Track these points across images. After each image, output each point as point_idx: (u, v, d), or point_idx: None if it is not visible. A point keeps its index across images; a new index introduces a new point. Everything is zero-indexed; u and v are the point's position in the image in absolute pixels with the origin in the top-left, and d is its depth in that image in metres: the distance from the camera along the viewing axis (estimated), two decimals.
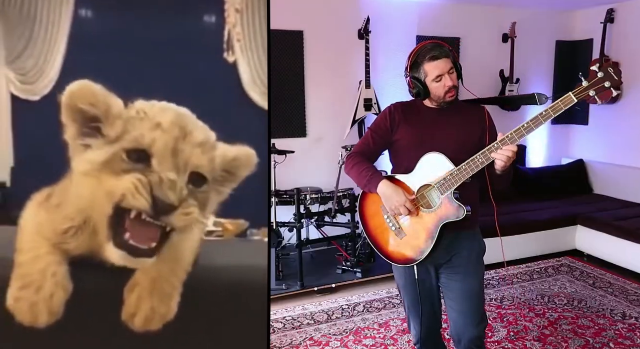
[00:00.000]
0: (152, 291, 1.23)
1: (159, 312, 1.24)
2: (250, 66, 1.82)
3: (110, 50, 1.24)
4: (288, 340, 2.78)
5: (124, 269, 1.22)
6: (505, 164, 1.61)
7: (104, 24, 1.81)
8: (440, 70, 1.71)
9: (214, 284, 1.30)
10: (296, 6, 4.00)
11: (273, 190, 3.52)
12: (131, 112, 1.20)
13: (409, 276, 1.86)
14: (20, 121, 1.88)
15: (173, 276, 1.26)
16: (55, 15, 1.91)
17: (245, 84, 1.83)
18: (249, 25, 1.74)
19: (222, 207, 1.39)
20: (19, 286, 1.21)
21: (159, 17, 1.73)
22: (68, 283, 1.22)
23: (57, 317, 1.21)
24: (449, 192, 1.68)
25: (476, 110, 1.86)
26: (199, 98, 1.27)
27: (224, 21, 1.63)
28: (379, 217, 1.82)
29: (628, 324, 2.90)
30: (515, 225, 3.88)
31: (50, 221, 1.21)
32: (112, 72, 1.24)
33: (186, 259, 1.30)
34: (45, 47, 1.91)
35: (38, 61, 1.89)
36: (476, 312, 1.83)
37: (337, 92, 4.23)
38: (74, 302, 1.22)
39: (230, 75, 1.75)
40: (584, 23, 4.96)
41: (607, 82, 1.51)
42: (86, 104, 1.16)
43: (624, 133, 4.60)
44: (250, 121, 1.58)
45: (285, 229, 3.62)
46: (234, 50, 1.72)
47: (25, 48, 1.88)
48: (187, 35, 1.71)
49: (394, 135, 1.84)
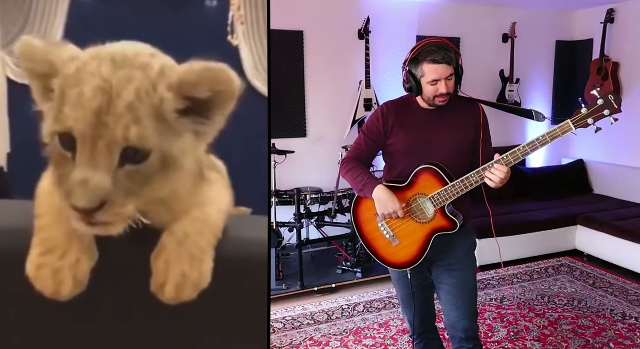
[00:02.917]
0: (180, 254, 1.10)
1: (190, 278, 1.10)
2: (252, 52, 1.79)
3: (107, 36, 1.15)
4: (288, 340, 2.78)
5: (149, 233, 1.08)
6: (497, 185, 1.62)
7: (102, 8, 1.77)
8: (438, 75, 1.66)
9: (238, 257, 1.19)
10: (296, 6, 4.00)
11: (273, 190, 3.52)
12: (70, 68, 0.99)
13: (402, 271, 1.88)
14: (16, 104, 1.86)
15: (201, 238, 1.13)
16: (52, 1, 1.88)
17: (247, 71, 1.80)
18: (252, 10, 1.72)
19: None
20: (40, 251, 1.07)
21: (159, 2, 1.69)
22: (94, 248, 1.09)
23: (81, 287, 1.08)
24: (442, 206, 1.70)
25: (471, 107, 1.83)
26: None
27: (228, 3, 1.60)
28: (373, 223, 1.83)
29: (628, 324, 2.91)
30: (515, 225, 3.89)
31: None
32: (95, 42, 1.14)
33: (214, 221, 1.17)
34: (41, 32, 1.88)
35: None
36: (470, 305, 1.86)
37: (337, 92, 4.23)
38: (98, 271, 1.10)
39: (234, 60, 1.71)
40: (584, 23, 4.97)
41: (607, 110, 1.51)
42: (31, 61, 1.01)
43: (624, 133, 4.59)
44: (254, 111, 1.54)
45: (285, 229, 3.61)
46: (237, 34, 1.69)
47: (20, 31, 1.84)
48: (190, 20, 1.67)
49: (387, 139, 1.82)
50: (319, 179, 4.05)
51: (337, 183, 3.42)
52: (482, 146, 1.76)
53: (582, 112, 1.53)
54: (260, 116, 1.36)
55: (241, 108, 1.21)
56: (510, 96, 4.72)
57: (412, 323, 1.97)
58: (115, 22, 1.67)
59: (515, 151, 1.60)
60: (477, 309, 1.95)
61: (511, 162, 1.60)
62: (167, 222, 1.14)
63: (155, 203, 1.08)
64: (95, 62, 0.98)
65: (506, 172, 1.60)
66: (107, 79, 0.96)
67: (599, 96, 1.50)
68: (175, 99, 1.01)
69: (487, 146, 1.80)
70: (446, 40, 1.71)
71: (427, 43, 1.69)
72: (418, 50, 1.69)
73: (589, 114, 1.52)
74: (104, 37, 1.08)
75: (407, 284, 1.88)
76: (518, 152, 1.59)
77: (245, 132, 1.35)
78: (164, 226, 1.13)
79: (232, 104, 1.04)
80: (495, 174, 1.60)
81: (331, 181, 3.60)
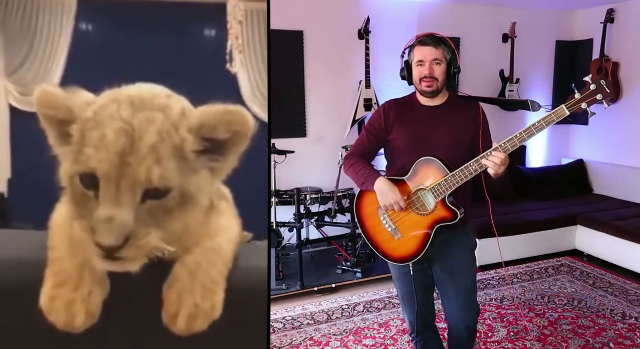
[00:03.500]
0: (192, 285, 1.12)
1: (202, 309, 1.12)
2: (250, 78, 1.84)
3: (110, 63, 1.17)
4: (288, 340, 2.78)
5: (161, 263, 1.10)
6: (497, 171, 1.65)
7: (105, 37, 1.81)
8: (423, 56, 1.74)
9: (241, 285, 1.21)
10: (296, 6, 4.00)
11: (273, 190, 3.52)
12: (88, 112, 1.03)
13: (403, 268, 1.90)
14: (18, 131, 1.88)
15: (213, 269, 1.15)
16: (56, 29, 1.92)
17: (245, 97, 1.85)
18: (250, 38, 1.76)
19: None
20: (54, 283, 1.09)
21: (160, 30, 1.73)
22: (106, 280, 1.11)
23: (94, 319, 1.10)
24: (443, 196, 1.72)
25: (471, 106, 1.86)
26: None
27: (226, 33, 1.64)
28: (375, 218, 1.85)
29: (628, 324, 2.91)
30: (515, 225, 3.89)
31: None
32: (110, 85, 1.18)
33: (225, 251, 1.19)
34: (45, 60, 1.92)
35: (37, 73, 1.89)
36: (470, 303, 1.91)
37: (337, 92, 4.23)
38: (111, 302, 1.11)
39: (232, 87, 1.76)
40: (584, 23, 4.97)
41: (599, 94, 1.54)
42: (50, 109, 1.05)
43: (623, 133, 4.60)
44: (254, 137, 1.58)
45: (285, 229, 3.61)
46: (235, 62, 1.72)
47: (24, 60, 1.89)
48: (189, 48, 1.71)
49: (389, 134, 1.86)
50: (319, 179, 4.05)
51: (337, 183, 3.43)
52: (482, 144, 1.78)
53: (575, 97, 1.56)
54: (260, 139, 1.42)
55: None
56: (510, 96, 4.72)
57: (412, 321, 1.98)
58: (116, 49, 1.72)
59: (512, 138, 1.62)
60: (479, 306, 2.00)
61: (509, 149, 1.63)
62: (178, 254, 1.15)
63: (172, 236, 1.10)
64: (114, 105, 1.03)
65: (501, 157, 1.62)
66: (129, 121, 1.01)
67: (591, 81, 1.54)
68: (195, 141, 1.06)
69: (487, 144, 1.81)
70: (441, 35, 1.80)
71: (423, 33, 1.80)
72: (414, 39, 1.80)
73: (582, 99, 1.55)
74: (106, 65, 1.12)
75: (408, 281, 1.89)
76: (515, 139, 1.62)
77: (244, 157, 1.40)
78: (176, 257, 1.15)
79: (246, 144, 1.09)
80: (492, 159, 1.63)
81: (331, 181, 3.60)
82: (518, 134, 1.62)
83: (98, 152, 1.00)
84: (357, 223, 1.93)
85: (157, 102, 1.05)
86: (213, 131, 1.06)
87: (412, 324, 2.00)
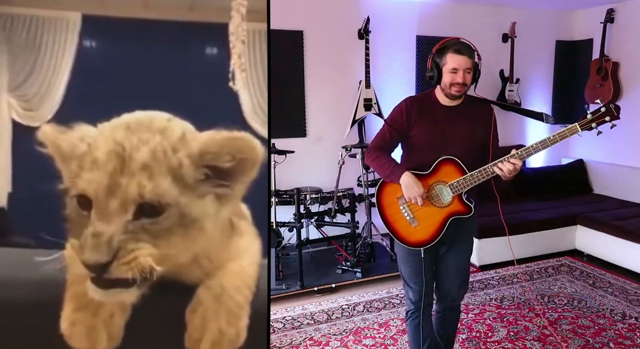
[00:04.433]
0: (217, 310, 1.10)
1: (227, 335, 1.09)
2: (251, 96, 1.86)
3: (114, 79, 1.17)
4: (288, 340, 2.78)
5: (184, 287, 1.09)
6: (509, 176, 1.85)
7: (108, 54, 1.83)
8: (458, 64, 1.85)
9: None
10: (296, 6, 4.00)
11: (273, 190, 3.52)
12: (82, 146, 1.07)
13: (415, 249, 2.03)
14: (20, 147, 1.89)
15: (238, 293, 1.13)
16: (60, 44, 1.95)
17: (246, 114, 1.87)
18: (252, 57, 1.79)
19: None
20: (74, 307, 1.08)
21: (164, 47, 1.75)
22: (127, 304, 1.09)
23: (116, 343, 1.08)
24: (460, 192, 1.91)
25: (484, 108, 2.03)
26: (202, 128, 1.17)
27: (229, 52, 1.66)
28: (395, 206, 2.00)
29: (628, 324, 2.91)
30: (515, 225, 3.88)
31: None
32: (114, 101, 1.18)
33: (250, 273, 1.17)
34: (49, 75, 1.94)
35: (41, 88, 1.91)
36: (465, 281, 2.17)
37: (337, 92, 4.23)
38: (133, 326, 1.09)
39: (233, 105, 1.79)
40: (584, 23, 4.97)
41: (608, 117, 1.78)
42: (53, 147, 1.09)
43: (623, 133, 4.59)
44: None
45: (285, 229, 3.61)
46: (237, 80, 1.75)
47: (29, 75, 1.90)
48: (191, 66, 1.73)
49: (410, 131, 1.99)
50: (319, 179, 4.05)
51: (337, 183, 3.43)
52: (492, 142, 1.97)
53: (587, 118, 1.79)
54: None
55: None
56: (510, 96, 4.72)
57: (417, 299, 2.10)
58: (119, 65, 1.75)
59: (529, 147, 1.83)
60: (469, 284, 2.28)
61: (524, 157, 1.84)
62: (200, 278, 1.14)
63: (184, 265, 1.08)
64: (109, 131, 1.06)
65: (517, 163, 1.82)
66: (121, 142, 1.04)
67: (602, 104, 1.77)
68: (196, 167, 1.06)
69: (496, 142, 2.02)
70: (470, 42, 1.92)
71: (455, 38, 1.92)
72: (446, 42, 1.90)
73: (593, 120, 1.78)
74: (110, 80, 1.14)
75: (419, 260, 2.03)
76: (531, 149, 1.82)
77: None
78: (199, 281, 1.14)
79: (255, 171, 1.08)
80: (508, 165, 1.82)
81: (331, 181, 3.60)
82: (534, 144, 1.81)
83: (90, 174, 1.03)
84: (377, 211, 2.07)
85: (156, 125, 1.07)
86: (216, 159, 1.06)
87: (415, 302, 2.12)
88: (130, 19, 1.71)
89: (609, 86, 4.49)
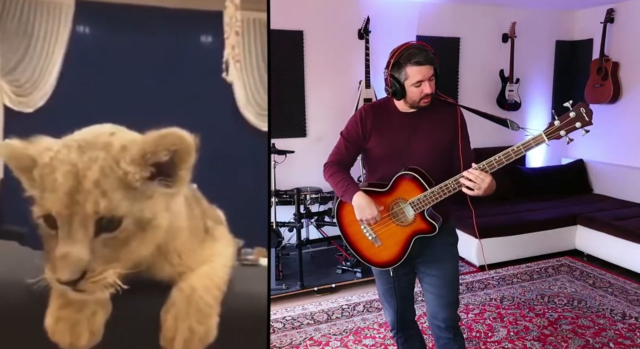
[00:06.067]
0: (188, 310, 1.17)
1: (198, 333, 1.16)
2: (246, 87, 1.86)
3: (106, 67, 1.21)
4: (288, 340, 2.78)
5: (160, 288, 1.16)
6: (478, 192, 1.62)
7: (101, 41, 1.83)
8: (422, 76, 1.69)
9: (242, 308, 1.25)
10: (296, 6, 4.00)
11: (273, 190, 3.52)
12: (45, 158, 1.12)
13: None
14: (11, 132, 1.89)
15: (208, 294, 1.20)
16: (53, 30, 1.93)
17: (240, 105, 1.87)
18: (247, 47, 1.77)
19: (221, 207, 1.37)
20: (60, 304, 1.14)
21: (157, 37, 1.75)
22: (108, 302, 1.16)
23: (97, 339, 1.14)
24: (422, 210, 1.73)
25: (449, 109, 1.83)
26: (195, 118, 1.22)
27: (223, 43, 1.65)
28: (356, 225, 1.85)
29: (628, 324, 2.91)
30: (515, 225, 3.89)
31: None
32: (106, 89, 1.22)
33: (220, 275, 1.24)
34: (41, 61, 1.93)
35: (33, 74, 1.90)
36: (451, 295, 1.89)
37: (337, 92, 4.23)
38: (113, 324, 1.16)
39: (226, 95, 1.79)
40: (584, 23, 4.97)
41: (578, 122, 1.53)
42: (14, 159, 1.14)
43: (623, 133, 4.60)
44: (246, 141, 1.61)
45: (285, 229, 3.62)
46: (231, 71, 1.74)
47: (21, 61, 1.89)
48: (185, 55, 1.73)
49: (366, 143, 1.85)
50: (319, 179, 4.01)
51: None
52: (461, 145, 1.78)
53: (554, 125, 1.55)
54: (255, 147, 1.45)
55: (235, 143, 1.27)
56: (510, 96, 4.72)
57: (393, 319, 2.00)
58: (113, 53, 1.74)
59: (491, 160, 1.61)
60: (460, 300, 2.00)
61: (487, 171, 1.62)
62: (174, 277, 1.22)
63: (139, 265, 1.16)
64: (65, 150, 1.12)
65: (487, 180, 1.60)
66: (75, 163, 1.10)
67: (571, 109, 1.52)
68: (140, 169, 1.13)
69: (466, 146, 1.81)
70: (422, 42, 1.76)
71: (407, 47, 1.73)
72: (400, 53, 1.73)
73: (561, 127, 1.55)
74: (102, 67, 1.17)
75: (388, 279, 1.91)
76: (494, 161, 1.61)
77: (242, 167, 1.42)
78: (173, 281, 1.21)
79: (192, 158, 1.16)
80: (470, 179, 1.61)
81: None
82: (497, 156, 1.61)
83: (52, 194, 1.09)
84: (339, 230, 1.93)
85: (100, 142, 1.13)
86: (154, 156, 1.13)
87: (392, 322, 2.02)
88: (124, 5, 1.71)
89: (609, 86, 4.49)
